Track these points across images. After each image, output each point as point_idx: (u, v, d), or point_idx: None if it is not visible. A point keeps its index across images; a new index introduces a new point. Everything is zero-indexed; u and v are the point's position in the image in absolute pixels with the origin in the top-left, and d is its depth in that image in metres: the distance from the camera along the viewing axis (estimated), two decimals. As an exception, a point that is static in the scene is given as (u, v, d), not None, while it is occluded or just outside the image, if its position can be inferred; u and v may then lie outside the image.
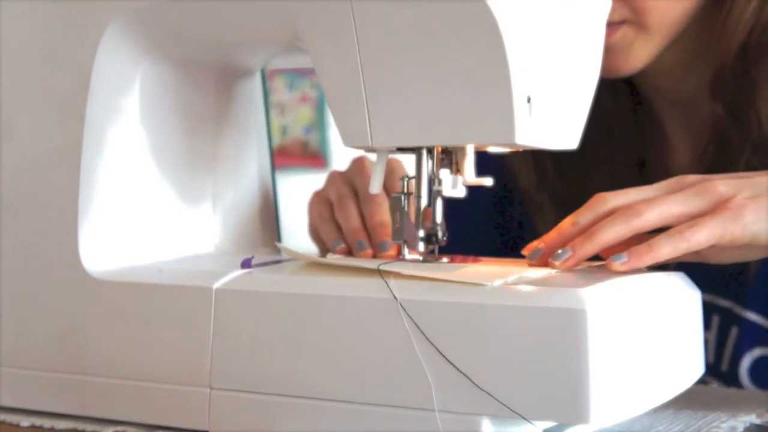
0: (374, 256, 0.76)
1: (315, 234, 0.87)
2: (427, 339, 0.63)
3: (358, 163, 0.84)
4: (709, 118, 0.91)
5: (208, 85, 0.84)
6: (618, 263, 0.67)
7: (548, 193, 0.99)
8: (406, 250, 0.73)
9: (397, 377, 0.64)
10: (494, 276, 0.65)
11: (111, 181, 0.78)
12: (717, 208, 0.69)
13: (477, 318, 0.62)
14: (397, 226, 0.73)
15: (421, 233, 0.72)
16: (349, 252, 0.78)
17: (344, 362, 0.66)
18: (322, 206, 0.83)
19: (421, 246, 0.72)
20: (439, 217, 0.72)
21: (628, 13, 0.87)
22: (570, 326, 0.60)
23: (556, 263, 0.68)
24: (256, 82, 0.89)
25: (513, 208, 1.04)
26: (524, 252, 0.72)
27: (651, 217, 0.68)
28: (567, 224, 0.70)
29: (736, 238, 0.69)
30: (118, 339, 0.74)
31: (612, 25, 0.86)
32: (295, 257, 0.74)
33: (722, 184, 0.70)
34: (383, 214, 0.78)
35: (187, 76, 0.82)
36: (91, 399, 0.75)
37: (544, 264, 0.69)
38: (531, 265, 0.70)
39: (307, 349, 0.67)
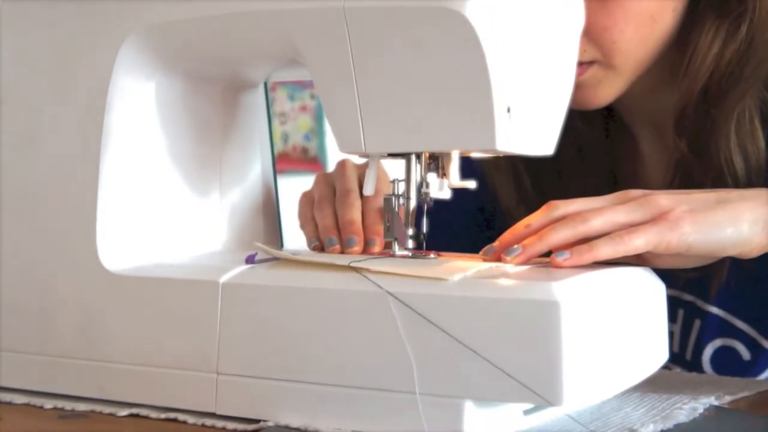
0: (342, 252, 0.76)
1: (302, 231, 0.88)
2: (437, 326, 0.63)
3: (340, 166, 0.84)
4: (675, 150, 0.92)
5: (215, 96, 0.84)
6: (560, 259, 0.68)
7: (526, 209, 0.99)
8: (396, 247, 0.73)
9: (387, 363, 0.64)
10: (454, 271, 0.65)
11: (127, 185, 0.78)
12: (657, 218, 0.70)
13: (458, 308, 0.63)
14: (388, 225, 0.73)
15: (410, 231, 0.73)
16: (323, 249, 0.78)
17: (340, 349, 0.66)
18: (306, 206, 0.83)
19: (410, 243, 0.73)
20: (425, 216, 0.73)
21: (598, 54, 0.87)
22: (544, 317, 0.61)
23: (508, 258, 0.69)
24: (260, 93, 0.89)
25: (495, 225, 1.05)
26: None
27: (597, 224, 0.70)
28: (520, 226, 0.72)
29: (672, 246, 0.70)
30: (133, 329, 0.74)
31: (582, 65, 0.86)
32: (272, 254, 0.74)
33: (664, 198, 0.71)
34: (353, 213, 0.78)
35: (197, 88, 0.82)
36: (108, 383, 0.75)
37: (497, 259, 0.70)
38: (485, 260, 0.71)
39: (307, 338, 0.67)
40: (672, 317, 0.94)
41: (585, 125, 0.99)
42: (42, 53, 0.81)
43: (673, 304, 0.93)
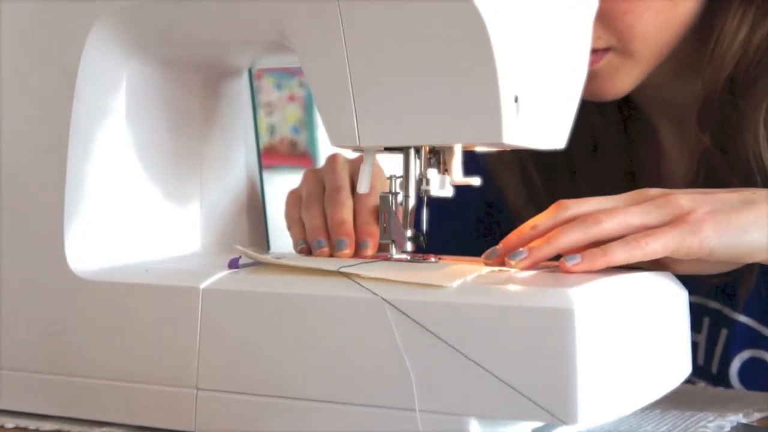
0: (331, 255, 0.77)
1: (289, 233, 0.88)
2: (438, 336, 0.63)
3: (330, 162, 0.84)
4: (699, 145, 0.92)
5: (194, 84, 0.84)
6: (570, 263, 0.68)
7: (536, 209, 0.99)
8: (393, 250, 0.73)
9: (383, 377, 0.64)
10: (453, 276, 0.65)
11: (97, 181, 0.78)
12: (676, 220, 0.70)
13: (462, 317, 0.63)
14: (385, 225, 0.73)
15: (409, 233, 0.73)
16: (310, 252, 0.79)
17: (331, 362, 0.66)
18: (294, 206, 0.83)
19: (409, 245, 0.73)
20: (425, 216, 0.73)
21: (614, 41, 0.87)
22: (558, 326, 0.61)
23: (512, 262, 0.69)
24: (244, 81, 0.89)
25: (501, 226, 1.04)
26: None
27: (610, 226, 0.69)
28: (526, 227, 0.71)
29: (693, 251, 0.70)
30: (105, 339, 0.74)
31: (597, 52, 0.86)
32: (252, 258, 0.74)
33: (683, 198, 0.71)
34: (344, 212, 0.78)
35: (174, 76, 0.82)
36: (76, 400, 0.75)
37: (501, 263, 0.70)
38: (487, 264, 0.70)
39: (295, 350, 0.67)
40: (696, 327, 0.94)
41: (600, 117, 0.99)
42: (4, 39, 0.80)
43: (698, 312, 0.93)
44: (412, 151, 0.72)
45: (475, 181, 0.71)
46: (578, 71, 0.75)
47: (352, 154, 0.81)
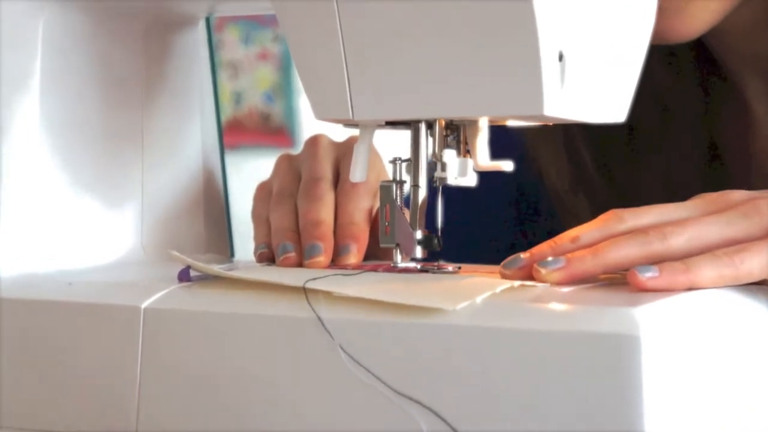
0: (300, 264, 0.78)
1: None
2: (442, 371, 0.62)
3: (310, 146, 0.85)
4: None
5: (135, 38, 0.85)
6: (644, 276, 0.67)
7: (585, 195, 1.00)
8: (399, 256, 0.74)
9: (374, 417, 0.64)
10: (458, 293, 0.65)
11: (6, 166, 0.79)
12: None
13: (485, 346, 0.62)
14: (387, 224, 0.73)
15: (419, 234, 0.73)
16: (273, 258, 0.80)
17: (306, 399, 0.66)
18: (262, 202, 0.85)
19: (419, 251, 0.73)
20: (440, 212, 0.74)
21: None
22: (618, 356, 0.60)
23: (543, 271, 0.69)
24: (200, 33, 0.90)
25: (539, 219, 1.04)
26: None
27: (678, 242, 0.69)
28: (565, 238, 0.71)
29: None
30: (16, 374, 0.74)
31: None
32: (196, 269, 0.74)
33: None
34: (319, 210, 0.79)
35: (107, 26, 0.83)
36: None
37: (525, 276, 0.70)
38: (505, 277, 0.70)
39: (261, 384, 0.67)
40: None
41: (672, 77, 1.00)
42: None
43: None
44: (422, 127, 0.72)
45: (507, 165, 0.71)
46: (644, 20, 0.74)
47: (342, 133, 0.81)
